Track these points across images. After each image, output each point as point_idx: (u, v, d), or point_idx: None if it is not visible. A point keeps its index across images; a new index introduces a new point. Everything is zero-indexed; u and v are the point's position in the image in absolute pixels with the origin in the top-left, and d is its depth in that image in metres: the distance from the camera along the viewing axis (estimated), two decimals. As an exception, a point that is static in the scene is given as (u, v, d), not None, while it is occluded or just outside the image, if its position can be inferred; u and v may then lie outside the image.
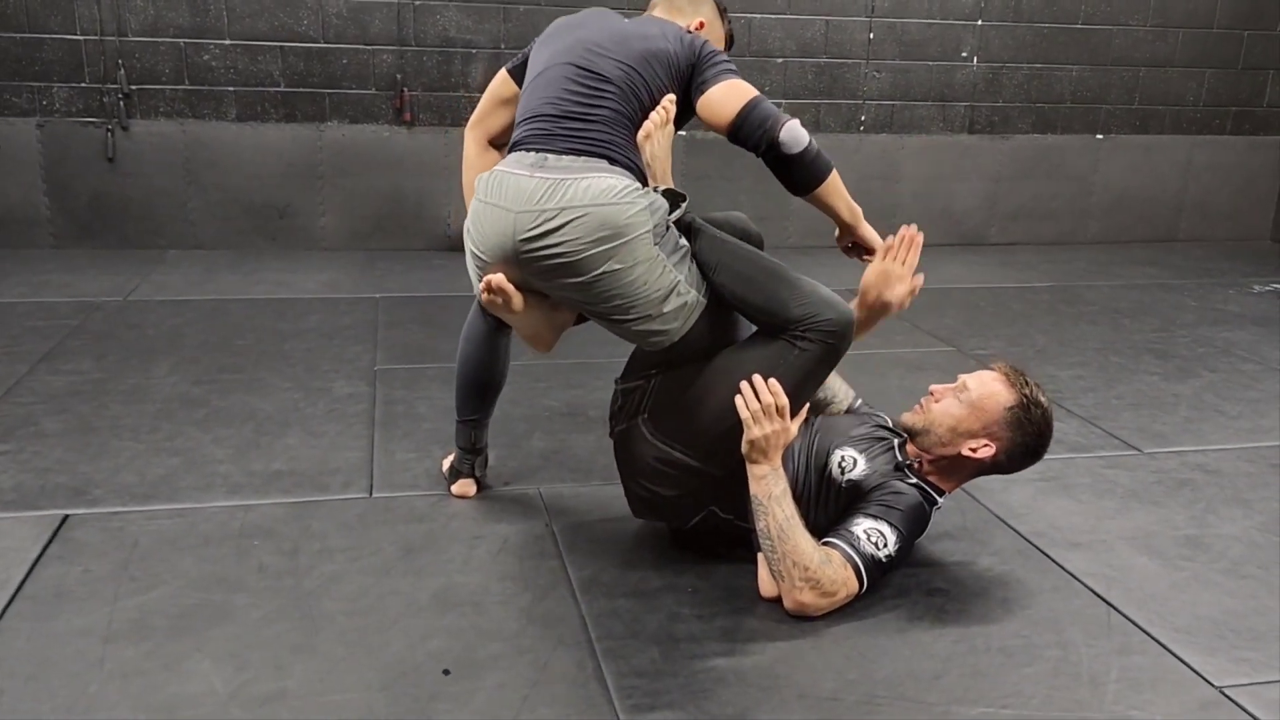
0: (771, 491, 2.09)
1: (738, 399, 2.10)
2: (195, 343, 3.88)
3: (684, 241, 2.22)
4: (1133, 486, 2.86)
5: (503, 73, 2.49)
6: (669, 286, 2.14)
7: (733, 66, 2.31)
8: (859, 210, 2.37)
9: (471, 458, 2.65)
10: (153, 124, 5.30)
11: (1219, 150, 6.62)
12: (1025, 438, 2.22)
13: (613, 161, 2.16)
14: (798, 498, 2.17)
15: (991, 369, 2.30)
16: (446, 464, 2.74)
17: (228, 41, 5.26)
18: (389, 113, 5.51)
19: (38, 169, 5.23)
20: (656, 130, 2.21)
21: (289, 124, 5.43)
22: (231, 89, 5.32)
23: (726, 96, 2.22)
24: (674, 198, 2.20)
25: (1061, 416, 3.36)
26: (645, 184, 2.19)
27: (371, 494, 2.66)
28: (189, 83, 5.28)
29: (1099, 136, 6.43)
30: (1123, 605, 2.22)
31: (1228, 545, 2.52)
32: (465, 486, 2.65)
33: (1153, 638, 2.10)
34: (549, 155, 2.15)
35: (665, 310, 2.15)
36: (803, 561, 2.06)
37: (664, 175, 2.24)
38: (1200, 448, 3.15)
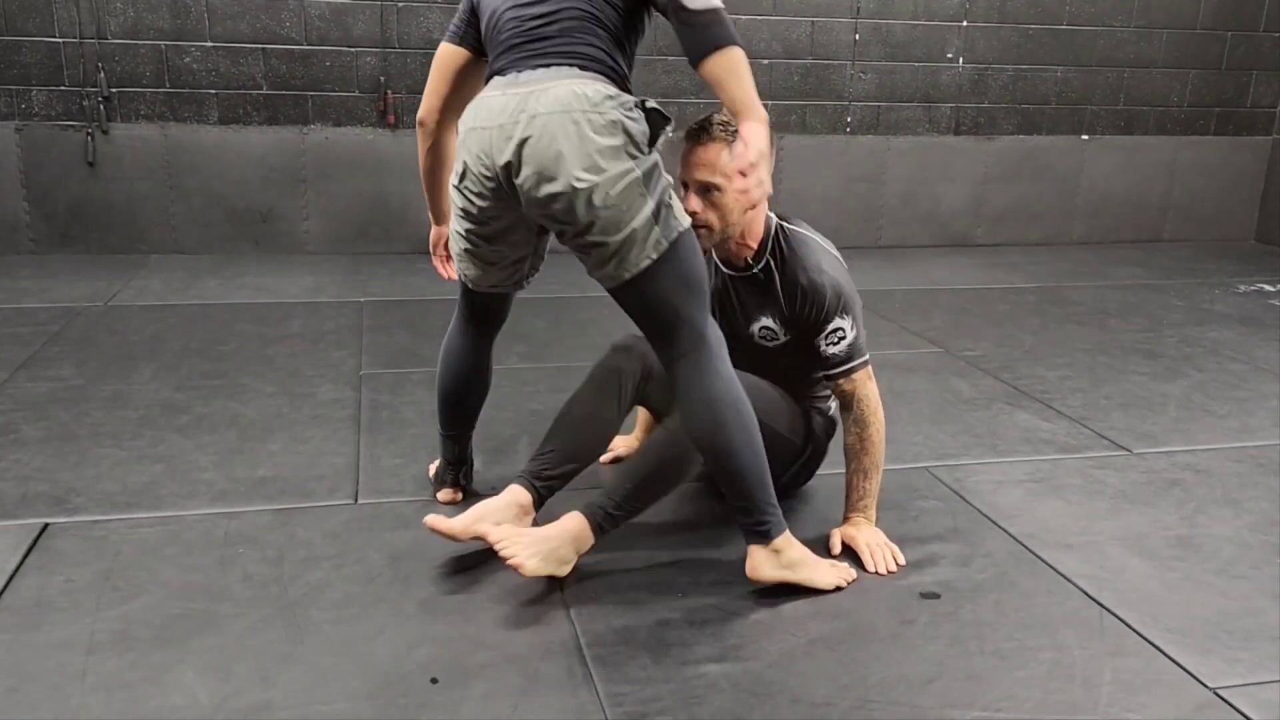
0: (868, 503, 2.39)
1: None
2: (177, 348, 3.84)
3: (665, 175, 2.08)
4: (1123, 487, 2.85)
5: (444, 45, 2.38)
6: (646, 210, 2.01)
7: None
8: (756, 106, 1.97)
9: (456, 469, 2.63)
10: (133, 127, 5.25)
11: (1203, 151, 6.65)
12: (767, 143, 2.01)
13: (583, 68, 2.05)
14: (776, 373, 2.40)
15: (686, 147, 2.26)
16: (433, 469, 2.71)
17: (209, 44, 5.22)
18: (373, 115, 5.47)
19: (16, 173, 5.18)
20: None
21: (271, 127, 5.39)
22: (213, 92, 5.28)
23: None
24: (657, 119, 2.06)
25: (1050, 417, 3.36)
26: (628, 91, 2.09)
27: (357, 500, 2.63)
28: (170, 85, 5.23)
29: (1084, 137, 6.45)
30: (1115, 607, 2.21)
31: (1219, 545, 2.52)
32: (451, 495, 2.62)
33: (1146, 639, 2.09)
34: (519, 73, 2.07)
35: (644, 234, 2.01)
36: (871, 444, 2.35)
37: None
38: (1189, 448, 3.15)
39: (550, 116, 1.98)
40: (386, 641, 2.00)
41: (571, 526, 2.19)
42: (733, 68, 1.99)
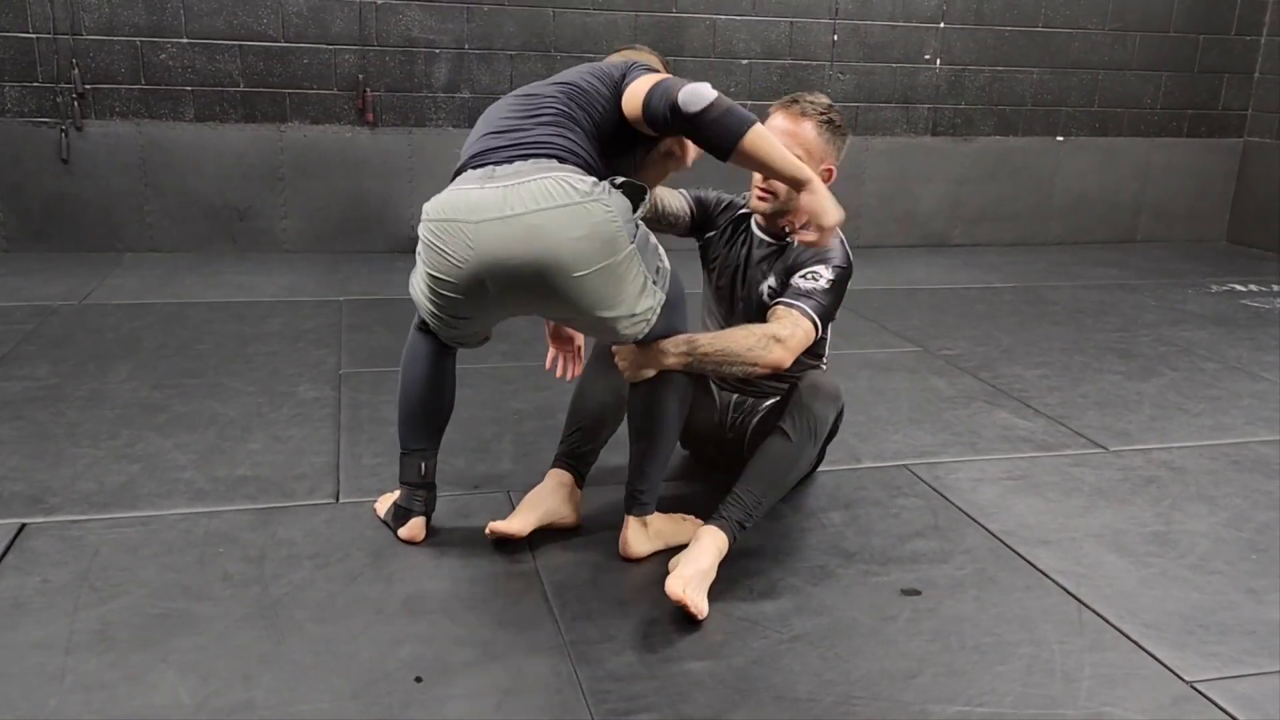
0: (689, 346, 2.23)
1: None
2: (154, 347, 3.81)
3: (651, 237, 2.16)
4: (1099, 484, 2.88)
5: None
6: (641, 285, 2.09)
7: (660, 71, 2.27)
8: (802, 168, 2.14)
9: (422, 494, 2.39)
10: (108, 124, 5.20)
11: (1176, 152, 6.73)
12: (841, 138, 2.45)
13: (562, 161, 2.07)
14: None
15: (775, 112, 2.43)
16: (384, 506, 2.48)
17: (185, 40, 5.17)
18: (351, 113, 5.45)
19: (-11, 170, 5.12)
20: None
21: (249, 124, 5.35)
22: (189, 89, 5.24)
23: (639, 84, 2.14)
24: (634, 191, 2.10)
25: (1028, 415, 3.39)
26: (602, 179, 2.08)
27: (339, 499, 2.62)
28: (145, 82, 5.19)
29: (1059, 139, 6.51)
30: (1093, 602, 2.23)
31: (1194, 541, 2.55)
32: (415, 528, 2.37)
33: (1123, 634, 2.11)
34: (494, 167, 2.07)
35: (637, 310, 2.10)
36: (745, 340, 2.23)
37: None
38: (1165, 445, 3.19)
39: (541, 213, 1.98)
40: (369, 640, 1.99)
41: (716, 544, 2.21)
42: (761, 146, 2.08)
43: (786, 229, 2.48)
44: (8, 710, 1.75)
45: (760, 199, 2.44)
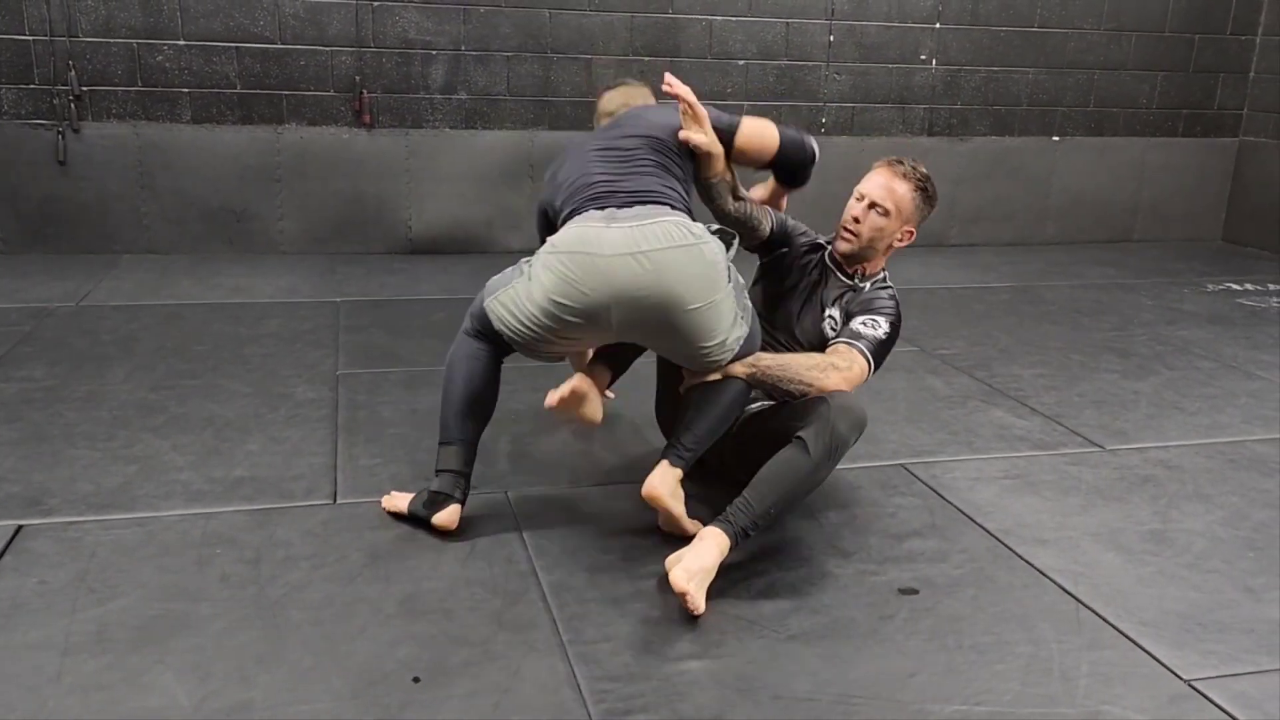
0: (754, 362, 2.43)
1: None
2: (151, 348, 3.80)
3: (740, 278, 2.45)
4: (1096, 483, 2.89)
5: (541, 210, 2.75)
6: (733, 319, 2.36)
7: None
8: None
9: (462, 482, 2.42)
10: (105, 126, 5.19)
11: (1172, 152, 6.74)
12: (930, 207, 2.67)
13: (672, 207, 2.38)
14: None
15: (879, 171, 2.63)
16: (394, 503, 2.51)
17: (182, 42, 5.17)
18: (348, 115, 5.44)
19: (-15, 172, 5.11)
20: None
21: (245, 126, 5.34)
22: (186, 90, 5.23)
23: (764, 131, 2.62)
24: (726, 237, 2.50)
25: (1025, 414, 3.40)
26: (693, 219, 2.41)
27: (336, 500, 2.62)
28: (142, 84, 5.18)
29: (1055, 139, 6.51)
30: (1091, 601, 2.24)
31: (1191, 540, 2.55)
32: (452, 514, 2.40)
33: (1121, 632, 2.12)
34: (615, 209, 2.35)
35: (728, 341, 2.36)
36: (807, 362, 2.46)
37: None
38: (1161, 444, 3.19)
39: (666, 251, 2.26)
40: (367, 641, 1.99)
41: (718, 545, 2.21)
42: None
43: (856, 273, 2.68)
44: (6, 711, 1.75)
45: (844, 239, 2.63)
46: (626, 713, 1.81)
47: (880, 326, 2.55)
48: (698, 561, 2.14)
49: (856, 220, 2.59)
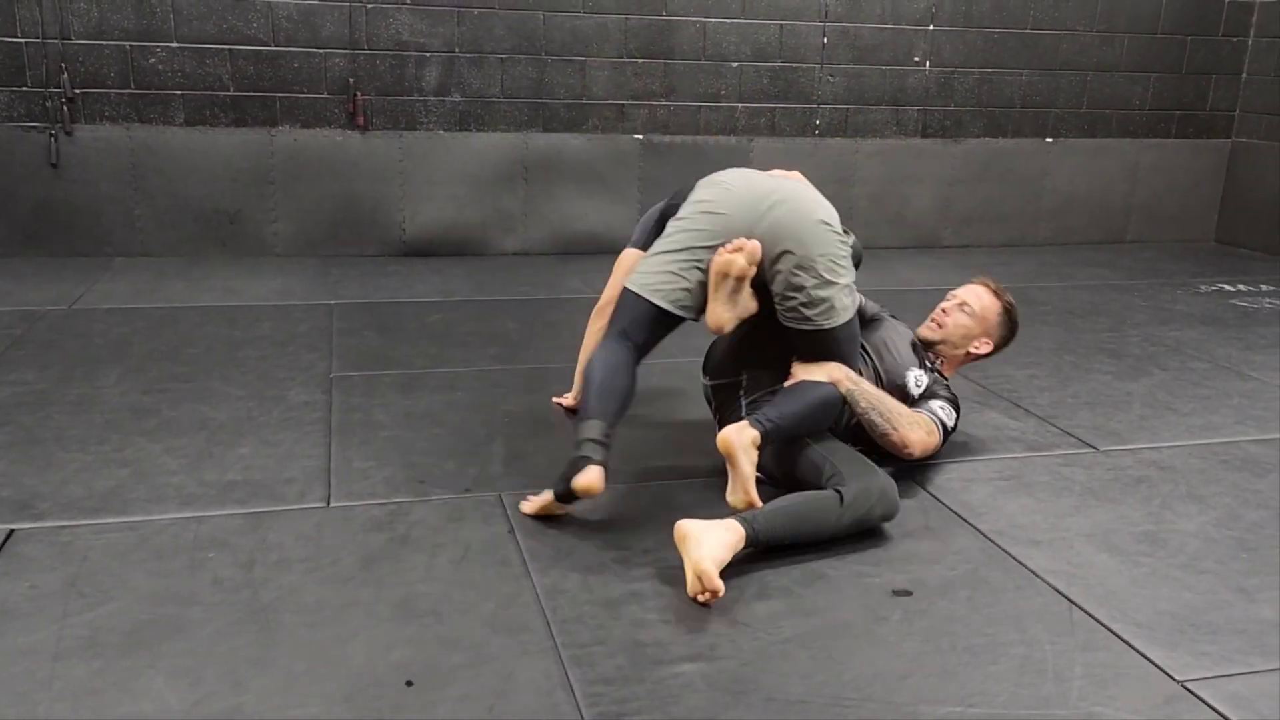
0: (857, 381, 2.68)
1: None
2: (144, 351, 3.79)
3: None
4: (1090, 484, 2.89)
5: (631, 250, 2.96)
6: (849, 285, 2.62)
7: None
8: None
9: (601, 450, 2.39)
10: (98, 129, 5.18)
11: (1165, 153, 6.75)
12: (1010, 332, 3.08)
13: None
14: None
15: (976, 283, 3.10)
16: (533, 505, 2.52)
17: (175, 44, 5.16)
18: (342, 117, 5.44)
19: (-23, 175, 5.09)
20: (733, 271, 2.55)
21: (239, 129, 5.34)
22: (179, 93, 5.22)
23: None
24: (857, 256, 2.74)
25: (1018, 416, 3.40)
26: None
27: (329, 503, 2.61)
28: (135, 87, 5.17)
29: (1048, 140, 6.52)
30: (1084, 602, 2.24)
31: (1184, 541, 2.55)
32: (593, 475, 2.34)
33: (1115, 634, 2.12)
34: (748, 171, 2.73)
35: (840, 298, 2.57)
36: (899, 409, 2.74)
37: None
38: (1154, 445, 3.20)
39: (797, 187, 2.65)
40: (360, 645, 1.99)
41: (739, 537, 2.27)
42: None
43: (933, 362, 3.06)
44: (-4, 717, 1.74)
45: (929, 327, 3.05)
46: (620, 716, 1.80)
47: (952, 416, 2.90)
48: (724, 551, 2.21)
49: (945, 313, 3.04)
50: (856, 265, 2.80)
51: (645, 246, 2.81)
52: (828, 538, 2.41)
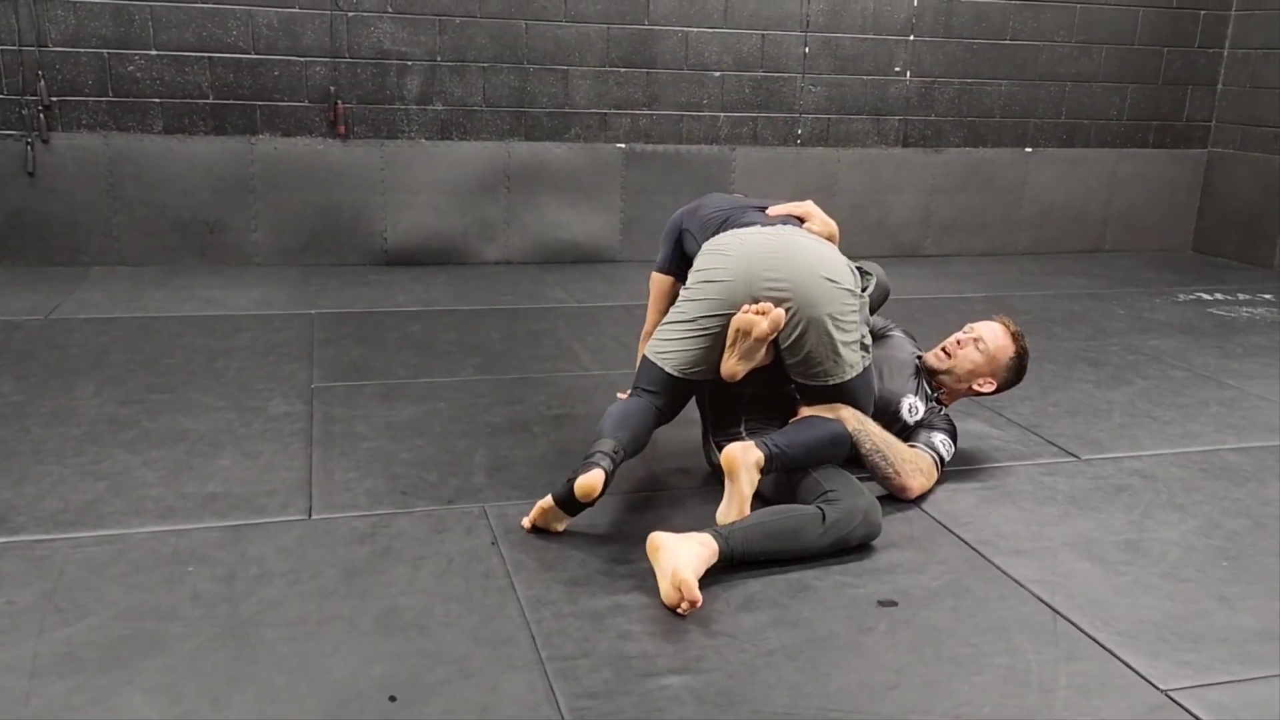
0: (864, 422, 2.69)
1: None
2: (122, 362, 3.76)
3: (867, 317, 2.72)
4: (1072, 493, 2.90)
5: (656, 275, 2.96)
6: (858, 338, 2.63)
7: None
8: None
9: (607, 460, 2.40)
10: (75, 137, 5.13)
11: (1142, 163, 6.81)
12: (1016, 378, 3.05)
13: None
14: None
15: (996, 320, 3.06)
16: (546, 505, 2.47)
17: (153, 52, 5.12)
18: (323, 125, 5.41)
19: (-48, 183, 5.03)
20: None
21: (218, 137, 5.30)
22: (157, 101, 5.18)
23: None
24: (862, 274, 2.78)
25: (1000, 425, 3.41)
26: None
27: (311, 515, 2.59)
28: (113, 94, 5.13)
29: (1028, 150, 6.57)
30: (1068, 611, 2.24)
31: (1166, 549, 2.57)
32: (594, 477, 2.33)
33: (1098, 643, 2.12)
34: (761, 226, 2.72)
35: (849, 357, 2.61)
36: (906, 454, 2.74)
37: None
38: (1135, 453, 3.21)
39: (801, 238, 2.72)
40: (342, 659, 1.97)
41: (711, 552, 2.27)
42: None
43: (935, 390, 3.05)
44: (-30, 736, 1.71)
45: (938, 356, 3.03)
46: (605, 729, 1.79)
47: (951, 450, 2.90)
48: (697, 564, 2.20)
49: (959, 344, 3.01)
50: (884, 299, 2.94)
51: (667, 268, 2.94)
52: (805, 556, 2.41)
